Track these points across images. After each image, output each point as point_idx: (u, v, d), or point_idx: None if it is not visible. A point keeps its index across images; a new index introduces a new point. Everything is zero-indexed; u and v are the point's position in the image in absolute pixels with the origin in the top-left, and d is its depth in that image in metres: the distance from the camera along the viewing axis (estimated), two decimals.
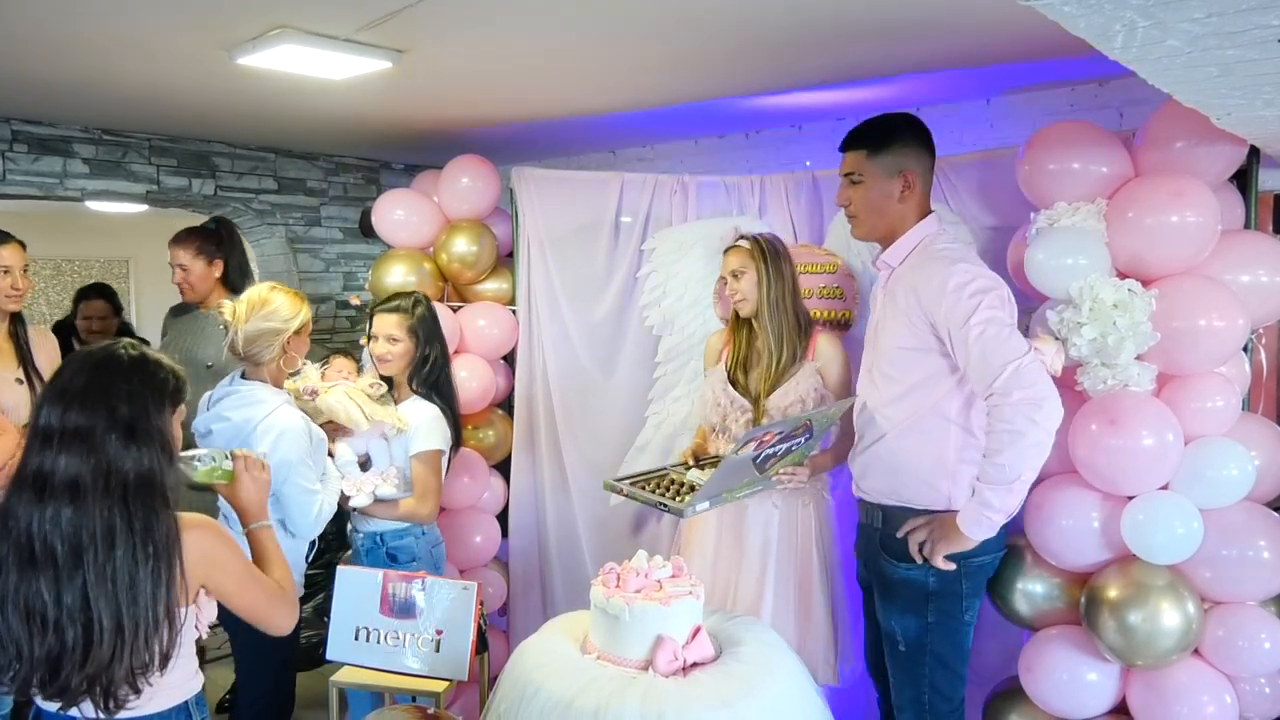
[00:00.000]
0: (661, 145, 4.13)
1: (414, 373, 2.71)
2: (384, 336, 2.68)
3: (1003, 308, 2.04)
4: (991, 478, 2.01)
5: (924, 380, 2.17)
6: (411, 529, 2.68)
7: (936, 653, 2.23)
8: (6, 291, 2.75)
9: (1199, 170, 2.22)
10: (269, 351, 2.35)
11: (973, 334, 2.01)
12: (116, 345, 1.61)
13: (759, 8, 2.25)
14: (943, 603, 2.20)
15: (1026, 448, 1.96)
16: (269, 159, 4.21)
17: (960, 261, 2.10)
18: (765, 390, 2.58)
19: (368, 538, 2.70)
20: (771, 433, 2.17)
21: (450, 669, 2.48)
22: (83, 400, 1.51)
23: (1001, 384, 1.97)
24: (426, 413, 2.65)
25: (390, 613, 2.55)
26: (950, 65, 2.77)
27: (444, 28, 2.37)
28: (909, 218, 2.23)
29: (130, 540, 1.48)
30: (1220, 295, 2.16)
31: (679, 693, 1.90)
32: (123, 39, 2.47)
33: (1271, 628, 2.17)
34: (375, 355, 2.70)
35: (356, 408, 2.56)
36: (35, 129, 3.50)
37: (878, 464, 2.26)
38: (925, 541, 2.14)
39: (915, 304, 2.12)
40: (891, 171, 2.19)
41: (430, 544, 2.71)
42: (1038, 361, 2.00)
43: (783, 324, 2.58)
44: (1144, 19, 1.30)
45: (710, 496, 2.26)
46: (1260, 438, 2.25)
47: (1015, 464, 1.97)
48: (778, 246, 2.62)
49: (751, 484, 2.37)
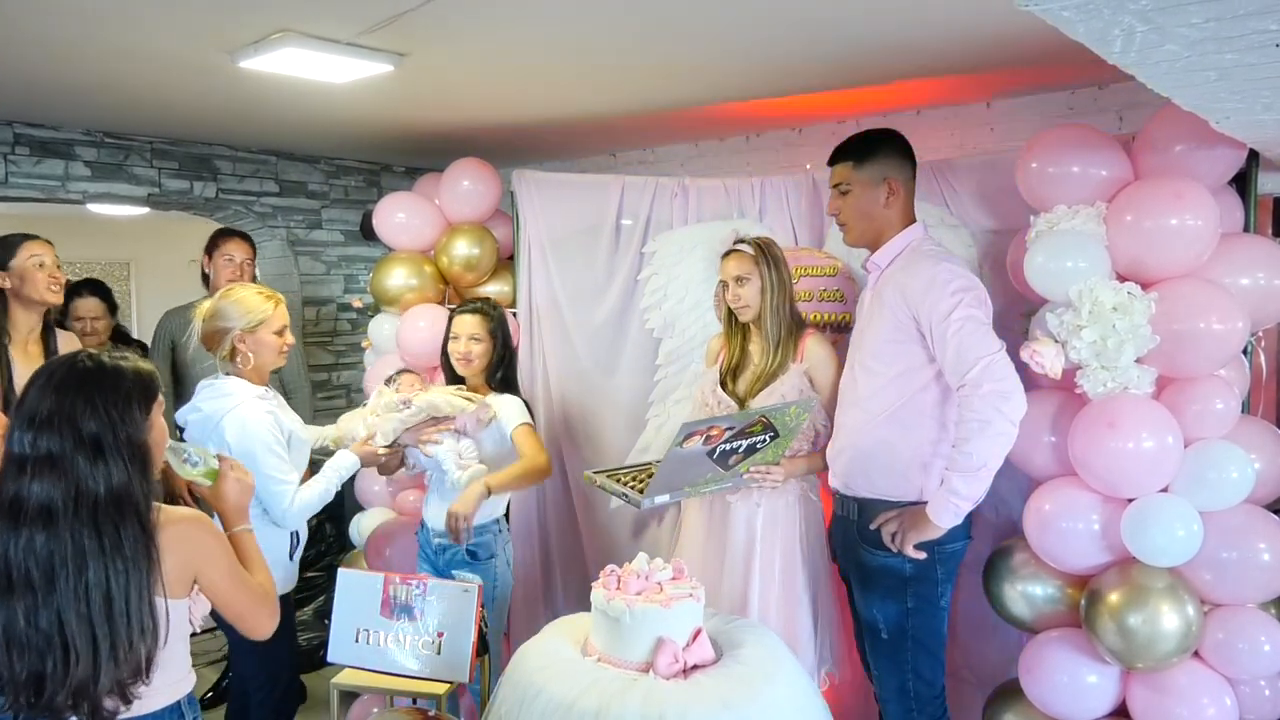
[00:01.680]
0: (662, 148, 4.14)
1: (491, 372, 2.81)
2: (466, 336, 2.76)
3: (980, 307, 2.18)
4: (960, 465, 2.13)
5: (904, 372, 2.27)
6: (489, 526, 2.71)
7: (917, 638, 2.31)
8: (46, 282, 2.81)
9: (1198, 173, 2.22)
10: (221, 349, 2.41)
11: (951, 329, 2.14)
12: (75, 358, 1.60)
13: (760, 15, 2.26)
14: (920, 587, 2.30)
15: (993, 436, 2.09)
16: (270, 162, 4.22)
17: (945, 261, 2.25)
18: (752, 392, 2.60)
19: (444, 536, 2.70)
20: (718, 427, 2.21)
21: (451, 671, 2.48)
22: (49, 424, 1.51)
23: (974, 376, 2.10)
24: (510, 399, 2.77)
25: (391, 614, 2.56)
26: (950, 69, 2.77)
27: (445, 31, 2.38)
28: (895, 223, 2.35)
29: (101, 559, 1.48)
30: (1220, 298, 2.16)
31: (680, 695, 1.90)
32: (125, 42, 2.48)
33: (1271, 630, 2.17)
34: (457, 355, 2.78)
35: (454, 396, 2.66)
36: (37, 132, 3.51)
37: (855, 456, 2.35)
38: (896, 532, 2.24)
39: (901, 300, 2.24)
40: (876, 180, 2.33)
41: (505, 541, 2.77)
42: (1007, 358, 2.13)
43: (780, 329, 2.59)
44: (1142, 24, 1.30)
45: (670, 489, 2.28)
46: (1260, 440, 2.25)
47: (981, 452, 2.10)
48: (776, 251, 2.63)
49: (717, 479, 2.39)
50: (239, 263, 3.50)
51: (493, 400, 2.74)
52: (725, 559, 2.60)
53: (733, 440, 2.28)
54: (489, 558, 2.69)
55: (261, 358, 2.44)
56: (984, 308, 2.19)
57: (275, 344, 2.45)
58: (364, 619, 2.57)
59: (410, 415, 2.64)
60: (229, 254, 3.49)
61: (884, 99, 3.20)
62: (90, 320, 3.67)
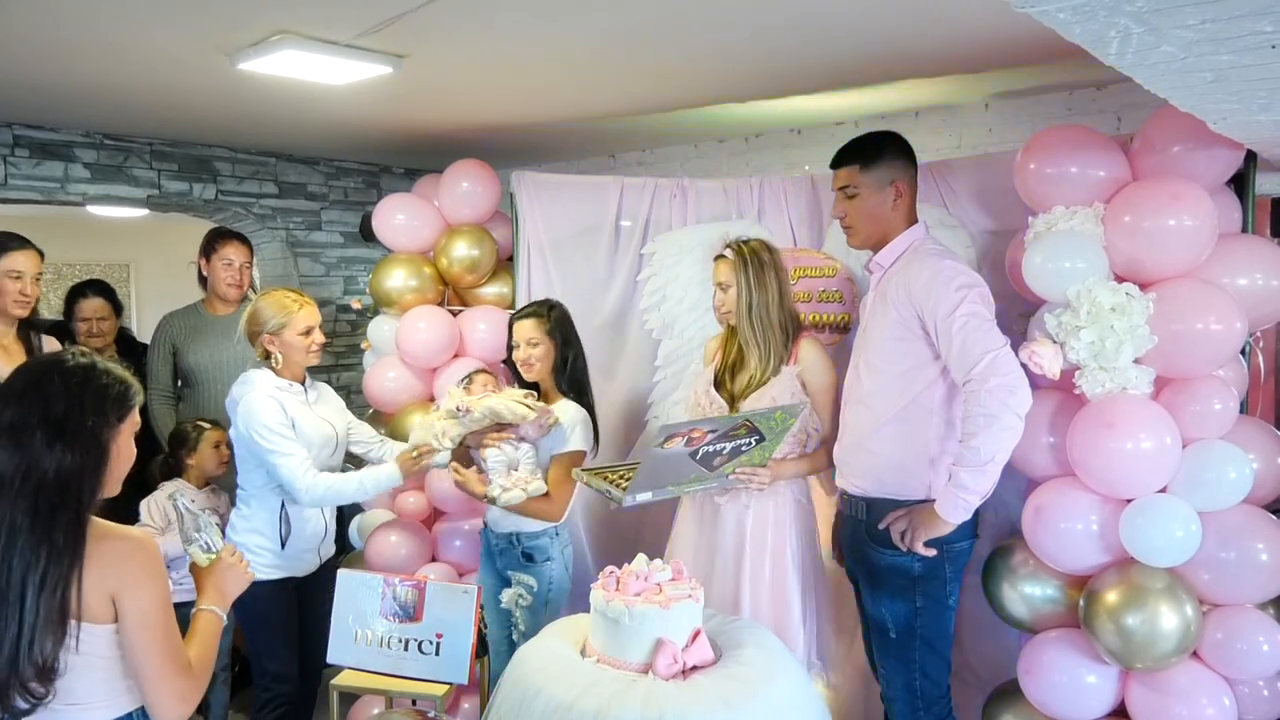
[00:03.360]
0: (661, 149, 4.15)
1: (558, 375, 2.78)
2: (524, 342, 2.75)
3: (983, 304, 2.19)
4: (967, 460, 2.13)
5: (909, 370, 2.27)
6: (547, 529, 2.71)
7: (925, 637, 2.32)
8: (15, 296, 2.77)
9: (1196, 174, 2.22)
10: (257, 349, 2.65)
11: (956, 324, 2.15)
12: (65, 352, 1.60)
13: (758, 16, 2.26)
14: (928, 586, 2.30)
15: (1000, 430, 2.09)
16: (270, 163, 4.22)
17: (948, 259, 2.27)
18: (745, 394, 2.60)
19: (502, 538, 2.74)
20: (699, 429, 2.22)
21: (450, 672, 2.48)
22: (20, 397, 1.51)
23: (979, 371, 2.11)
24: (575, 415, 2.72)
25: (391, 616, 2.56)
26: (949, 70, 2.78)
27: (444, 33, 2.39)
28: (899, 224, 2.36)
29: (30, 539, 1.46)
30: (1218, 299, 2.16)
31: (679, 696, 1.90)
32: (125, 45, 2.49)
33: (1270, 630, 2.17)
34: (519, 362, 2.77)
35: (515, 403, 2.64)
36: (37, 134, 3.52)
37: (862, 455, 2.35)
38: (905, 530, 2.25)
39: (905, 298, 2.24)
40: (884, 182, 2.34)
41: (563, 544, 2.76)
42: (1011, 353, 2.14)
43: (765, 332, 2.57)
44: (1138, 25, 1.30)
45: (652, 488, 2.28)
46: (1258, 440, 2.26)
47: (989, 446, 2.10)
48: (762, 255, 2.59)
49: (701, 479, 2.39)
50: (238, 266, 3.50)
51: (559, 408, 2.72)
52: (715, 561, 2.60)
53: (716, 442, 2.29)
54: (545, 560, 2.70)
55: (290, 357, 2.62)
56: (987, 304, 2.20)
57: (302, 344, 2.62)
58: (364, 620, 2.58)
59: (474, 421, 2.65)
60: (227, 257, 3.48)
61: (882, 100, 3.20)
62: (95, 321, 3.60)
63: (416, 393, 3.41)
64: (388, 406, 3.44)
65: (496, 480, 2.63)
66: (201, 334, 3.51)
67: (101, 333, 3.62)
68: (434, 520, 3.45)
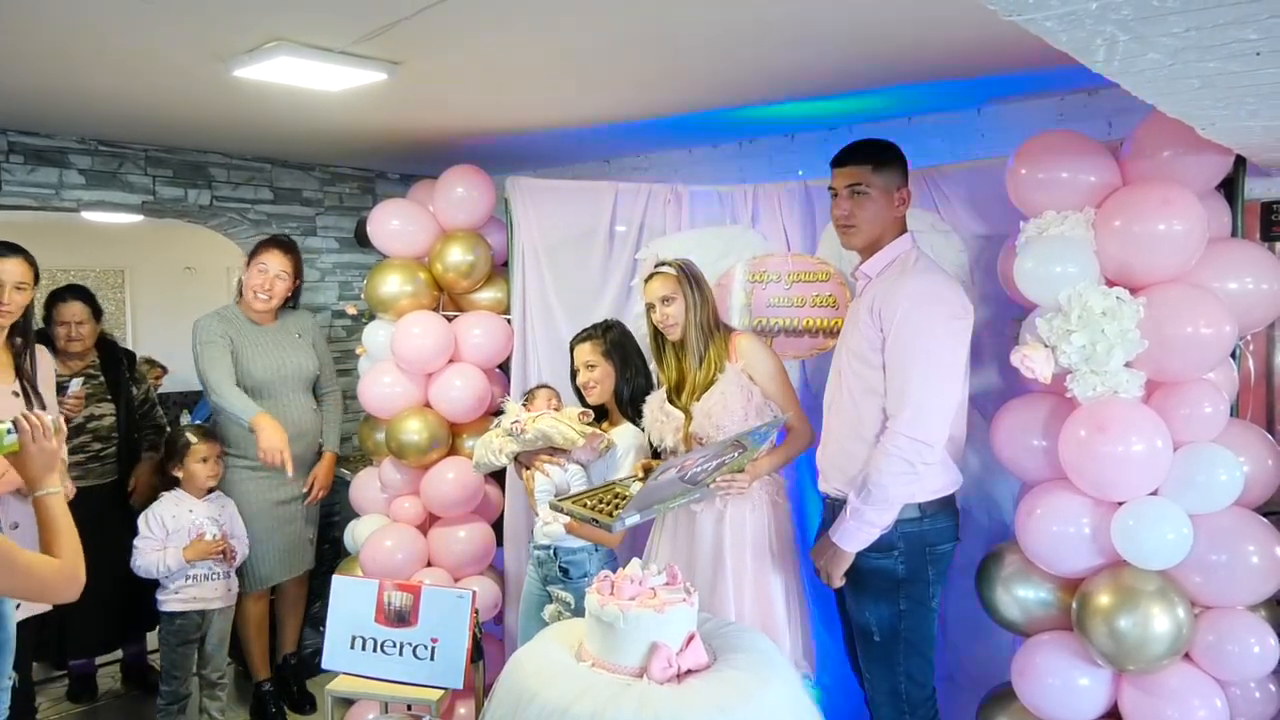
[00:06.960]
0: (655, 154, 4.15)
1: (620, 395, 2.79)
2: (583, 365, 2.78)
3: (957, 342, 2.24)
4: (875, 499, 2.21)
5: (870, 390, 2.30)
6: (586, 545, 2.71)
7: (910, 640, 2.33)
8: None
9: (1186, 179, 2.24)
10: None
11: (914, 350, 2.20)
12: None
13: (752, 22, 2.28)
14: (912, 589, 2.31)
15: (909, 480, 2.20)
16: (265, 169, 4.22)
17: (931, 284, 2.26)
18: (696, 398, 2.63)
19: (543, 549, 2.76)
20: (693, 459, 2.25)
21: (445, 677, 2.49)
22: None
23: (906, 419, 2.18)
24: (631, 440, 2.74)
25: (386, 621, 2.56)
26: (940, 76, 2.79)
27: (439, 40, 2.39)
28: (893, 231, 2.38)
29: None
30: (1208, 303, 2.18)
31: (674, 700, 1.91)
32: (119, 51, 2.49)
33: (1261, 632, 2.18)
34: (581, 385, 2.79)
35: (567, 427, 2.66)
36: (31, 140, 3.52)
37: (843, 460, 2.37)
38: (820, 570, 2.32)
39: (876, 320, 2.27)
40: (893, 185, 2.37)
41: (600, 560, 2.74)
42: (943, 410, 2.21)
43: (704, 340, 2.65)
44: (1124, 33, 1.32)
45: (640, 509, 2.31)
46: (1249, 443, 2.27)
47: (896, 491, 2.21)
48: (696, 270, 2.70)
49: (687, 493, 2.41)
50: (272, 275, 3.48)
51: (618, 433, 2.73)
52: (695, 569, 2.60)
53: (705, 463, 2.31)
54: (581, 576, 2.71)
55: None
56: (959, 339, 2.24)
57: None
58: (359, 626, 2.58)
59: (527, 441, 2.67)
60: (262, 263, 3.48)
61: (875, 106, 3.21)
62: (74, 325, 3.54)
63: (412, 398, 3.41)
64: (383, 412, 3.45)
65: (541, 511, 2.65)
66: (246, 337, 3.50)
67: (80, 337, 3.56)
68: (429, 525, 3.46)
